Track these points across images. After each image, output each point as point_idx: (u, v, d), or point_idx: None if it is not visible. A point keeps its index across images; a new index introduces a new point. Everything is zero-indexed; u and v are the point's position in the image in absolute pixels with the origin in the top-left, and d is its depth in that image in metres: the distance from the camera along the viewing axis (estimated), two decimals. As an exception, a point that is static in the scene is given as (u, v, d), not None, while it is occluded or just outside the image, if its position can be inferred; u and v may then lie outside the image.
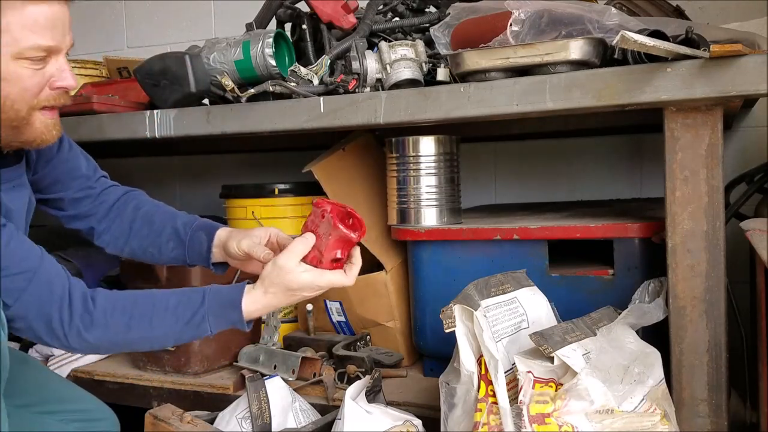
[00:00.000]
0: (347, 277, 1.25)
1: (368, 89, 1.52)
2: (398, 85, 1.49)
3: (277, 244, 1.34)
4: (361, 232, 1.22)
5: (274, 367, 1.69)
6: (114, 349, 1.26)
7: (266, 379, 1.51)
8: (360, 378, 1.57)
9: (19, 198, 1.29)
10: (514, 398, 1.15)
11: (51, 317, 1.15)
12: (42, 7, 1.13)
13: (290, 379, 1.65)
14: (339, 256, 1.22)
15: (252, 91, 1.54)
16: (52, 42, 1.15)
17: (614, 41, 1.17)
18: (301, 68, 1.55)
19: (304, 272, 1.22)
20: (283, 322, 1.89)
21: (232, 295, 1.23)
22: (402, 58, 1.51)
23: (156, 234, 1.42)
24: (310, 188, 1.89)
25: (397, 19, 1.72)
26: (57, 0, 1.15)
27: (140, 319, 1.19)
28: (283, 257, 1.23)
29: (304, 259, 1.22)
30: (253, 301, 1.23)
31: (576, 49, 1.28)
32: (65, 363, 1.89)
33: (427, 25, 1.65)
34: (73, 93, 1.30)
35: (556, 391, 1.13)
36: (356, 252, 1.26)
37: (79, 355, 1.88)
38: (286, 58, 1.63)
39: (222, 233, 1.39)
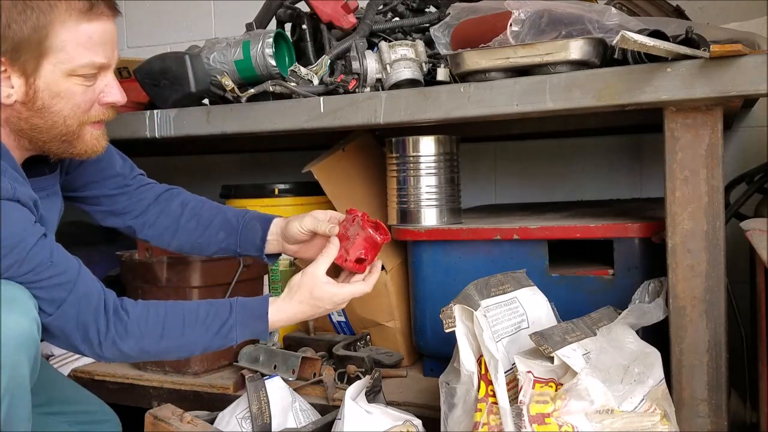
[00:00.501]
0: (366, 284, 1.32)
1: (368, 89, 1.52)
2: (398, 85, 1.49)
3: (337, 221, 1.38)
4: (386, 237, 1.32)
5: (274, 367, 1.69)
6: (145, 358, 1.29)
7: (266, 379, 1.51)
8: (360, 378, 1.58)
9: (53, 206, 1.32)
10: (514, 398, 1.15)
11: (88, 327, 1.18)
12: (96, 24, 1.16)
13: (290, 379, 1.65)
14: (363, 256, 1.31)
15: (252, 91, 1.54)
16: (104, 59, 1.18)
17: (614, 41, 1.17)
18: (301, 68, 1.55)
19: (328, 284, 1.28)
20: (283, 322, 1.89)
21: (259, 307, 1.28)
22: (402, 58, 1.51)
23: (204, 226, 1.45)
24: (310, 188, 1.89)
25: (397, 19, 1.72)
26: (107, 17, 1.18)
27: (172, 329, 1.23)
28: (311, 266, 1.29)
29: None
30: (278, 311, 1.28)
31: (576, 49, 1.28)
32: (65, 363, 1.88)
33: (427, 25, 1.65)
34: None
35: (556, 391, 1.13)
36: (378, 262, 1.34)
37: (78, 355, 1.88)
38: (286, 58, 1.63)
39: (279, 221, 1.43)
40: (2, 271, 1.11)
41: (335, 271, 1.35)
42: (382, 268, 1.74)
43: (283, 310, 1.28)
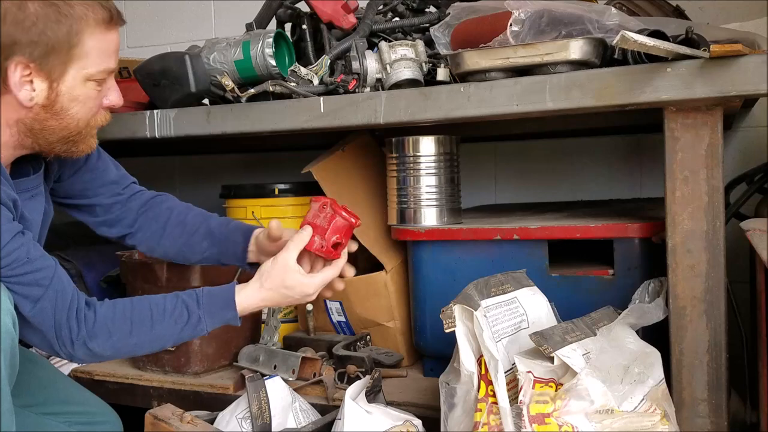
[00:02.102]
0: (333, 268, 1.32)
1: (368, 89, 1.52)
2: (398, 85, 1.49)
3: None
4: (357, 220, 1.34)
5: (274, 367, 1.69)
6: (117, 356, 1.28)
7: (266, 379, 1.51)
8: (360, 378, 1.58)
9: (36, 207, 1.33)
10: (514, 398, 1.15)
11: (61, 327, 1.19)
12: (114, 33, 1.24)
13: (290, 379, 1.65)
14: (339, 241, 1.32)
15: (252, 91, 1.54)
16: (114, 65, 1.25)
17: (614, 41, 1.17)
18: (301, 68, 1.55)
19: (298, 273, 1.28)
20: (283, 322, 1.89)
21: (225, 295, 1.29)
22: (402, 58, 1.50)
23: (189, 234, 1.47)
24: (310, 188, 1.89)
25: (397, 19, 1.72)
26: (119, 26, 1.26)
27: (140, 324, 1.24)
28: (282, 253, 1.29)
29: (306, 248, 1.30)
30: (247, 297, 1.29)
31: (576, 49, 1.28)
32: (66, 363, 1.88)
33: (427, 25, 1.65)
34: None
35: (556, 391, 1.13)
36: (345, 250, 1.35)
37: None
38: (286, 58, 1.63)
39: (258, 232, 1.44)
40: None
41: (308, 265, 1.36)
42: (382, 267, 1.75)
43: (252, 296, 1.29)
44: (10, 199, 1.18)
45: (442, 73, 1.48)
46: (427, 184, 1.63)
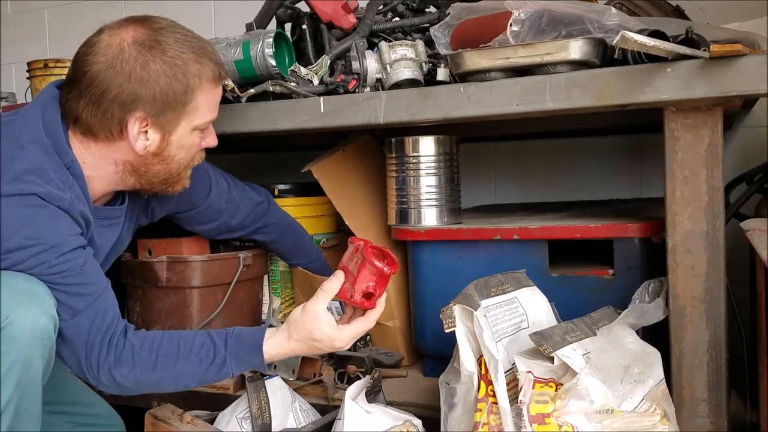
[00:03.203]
0: (366, 320, 1.29)
1: (368, 89, 1.52)
2: (398, 85, 1.49)
3: None
4: (393, 267, 1.25)
5: (274, 367, 1.69)
6: (139, 389, 1.26)
7: (266, 379, 1.51)
8: (360, 378, 1.57)
9: (110, 235, 1.39)
10: (514, 398, 1.15)
11: (93, 347, 1.20)
12: (220, 89, 1.33)
13: (290, 379, 1.65)
14: (371, 291, 1.25)
15: (252, 91, 1.54)
16: (216, 114, 1.34)
17: (614, 41, 1.17)
18: (301, 68, 1.55)
19: (327, 324, 1.25)
20: (283, 322, 1.88)
21: (254, 339, 1.27)
22: (402, 58, 1.50)
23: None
24: (310, 189, 1.89)
25: (397, 19, 1.72)
26: (223, 81, 1.35)
27: (165, 358, 1.23)
28: (311, 301, 1.27)
29: (338, 296, 1.26)
30: (275, 346, 1.27)
31: (576, 49, 1.27)
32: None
33: (427, 25, 1.65)
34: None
35: (556, 391, 1.13)
36: (382, 299, 1.29)
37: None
38: (286, 58, 1.63)
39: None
40: (31, 266, 1.14)
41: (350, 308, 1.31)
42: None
43: (280, 345, 1.27)
44: (83, 218, 1.23)
45: (442, 73, 1.48)
46: (427, 184, 1.63)
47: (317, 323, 1.24)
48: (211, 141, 1.37)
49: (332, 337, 1.25)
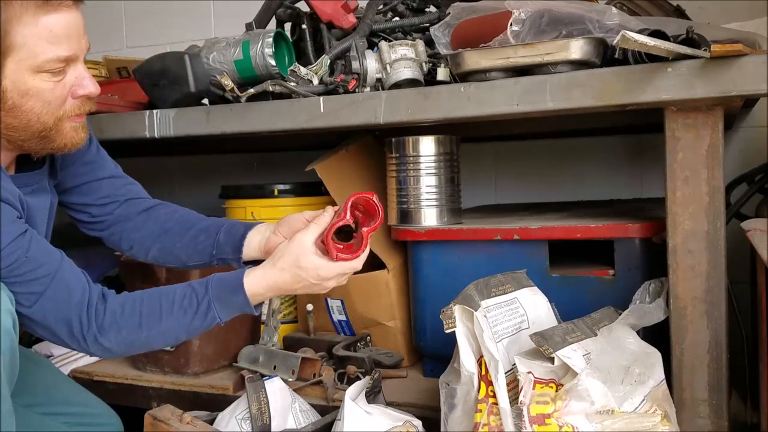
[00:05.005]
0: (356, 260, 1.21)
1: (368, 89, 1.52)
2: (398, 85, 1.49)
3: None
4: (378, 219, 1.20)
5: (274, 368, 1.69)
6: (130, 351, 1.24)
7: (266, 379, 1.50)
8: (360, 378, 1.57)
9: (40, 202, 1.29)
10: (514, 399, 1.15)
11: (71, 321, 1.16)
12: (55, 16, 1.12)
13: (290, 379, 1.65)
14: (357, 218, 1.20)
15: (252, 91, 1.54)
16: (69, 52, 1.14)
17: (615, 41, 1.16)
18: (301, 68, 1.54)
19: (315, 254, 1.19)
20: (283, 322, 1.88)
21: (234, 278, 1.21)
22: (402, 57, 1.50)
23: (187, 228, 1.40)
24: (310, 189, 1.89)
25: (397, 18, 1.71)
26: (68, 7, 1.13)
27: (149, 316, 1.19)
28: (301, 233, 1.21)
29: (324, 234, 1.20)
30: (257, 278, 1.21)
31: (576, 48, 1.27)
32: (65, 363, 1.88)
33: (427, 24, 1.65)
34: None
35: (556, 391, 1.13)
36: (367, 240, 1.21)
37: (80, 354, 1.88)
38: (286, 58, 1.62)
39: (262, 227, 1.35)
40: None
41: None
42: (384, 267, 1.74)
43: (263, 276, 1.20)
44: (13, 195, 1.15)
45: (442, 73, 1.48)
46: (427, 184, 1.63)
47: (303, 251, 1.19)
48: (86, 87, 1.18)
49: (318, 266, 1.18)
